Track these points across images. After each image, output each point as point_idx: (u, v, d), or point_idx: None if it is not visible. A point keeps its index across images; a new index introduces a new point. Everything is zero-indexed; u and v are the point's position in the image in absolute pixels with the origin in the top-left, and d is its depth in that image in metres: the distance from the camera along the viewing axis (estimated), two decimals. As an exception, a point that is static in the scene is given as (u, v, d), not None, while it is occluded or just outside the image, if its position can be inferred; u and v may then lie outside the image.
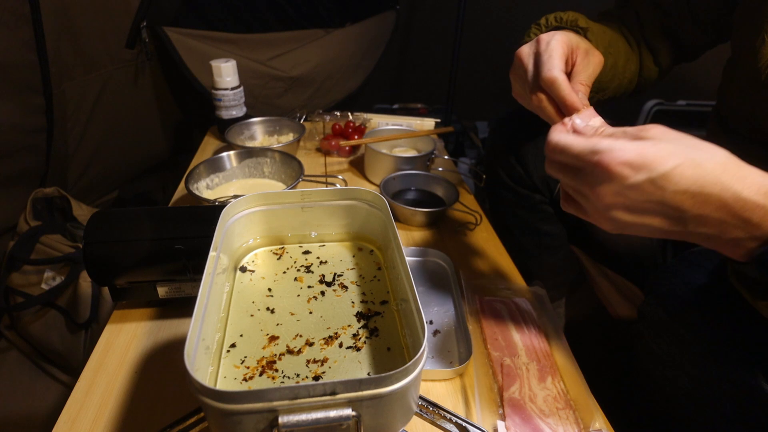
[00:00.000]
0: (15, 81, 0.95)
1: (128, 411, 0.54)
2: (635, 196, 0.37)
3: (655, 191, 0.36)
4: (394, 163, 1.01)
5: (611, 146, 0.37)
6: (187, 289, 0.65)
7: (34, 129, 1.01)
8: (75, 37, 1.06)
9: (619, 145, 0.37)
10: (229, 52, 1.29)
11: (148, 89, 1.31)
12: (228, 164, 0.92)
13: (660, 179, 0.36)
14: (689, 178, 0.35)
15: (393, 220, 0.51)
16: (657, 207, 0.37)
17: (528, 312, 0.70)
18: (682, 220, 0.37)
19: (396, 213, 0.91)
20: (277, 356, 0.44)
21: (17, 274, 0.98)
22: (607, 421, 0.55)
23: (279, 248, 0.57)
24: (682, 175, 0.35)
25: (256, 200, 0.54)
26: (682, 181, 0.35)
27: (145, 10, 1.16)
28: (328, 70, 1.53)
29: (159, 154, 1.46)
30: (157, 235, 0.60)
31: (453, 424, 0.42)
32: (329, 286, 0.52)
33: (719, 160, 0.36)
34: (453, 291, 0.73)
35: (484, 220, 0.93)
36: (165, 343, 0.63)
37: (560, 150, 0.41)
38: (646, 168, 0.36)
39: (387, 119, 1.27)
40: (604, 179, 0.37)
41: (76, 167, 1.18)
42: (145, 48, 1.21)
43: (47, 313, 0.98)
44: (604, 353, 0.90)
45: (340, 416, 0.33)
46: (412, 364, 0.34)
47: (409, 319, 0.44)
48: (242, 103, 1.18)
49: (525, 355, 0.63)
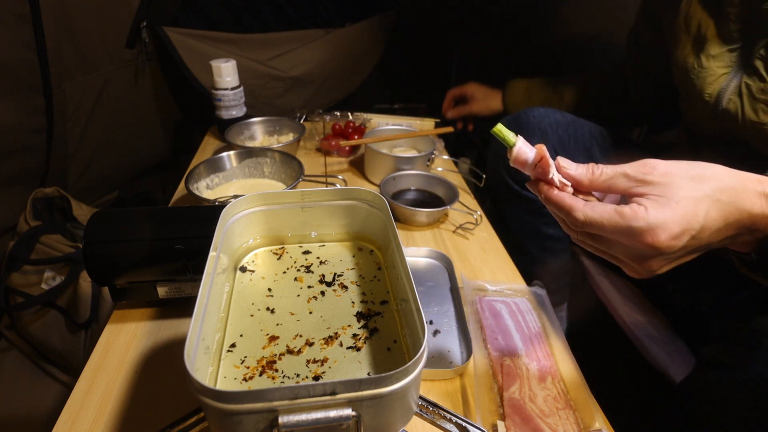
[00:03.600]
0: (15, 81, 0.95)
1: (128, 411, 0.54)
2: (679, 254, 0.41)
3: (695, 243, 0.40)
4: (394, 163, 1.01)
5: (651, 224, 0.39)
6: (187, 289, 0.64)
7: (34, 129, 1.01)
8: (75, 37, 1.06)
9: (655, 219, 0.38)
10: (229, 52, 1.29)
11: (148, 89, 1.31)
12: (228, 164, 0.92)
13: (698, 234, 0.40)
14: (717, 220, 0.40)
15: (393, 220, 0.51)
16: (694, 251, 0.41)
17: (528, 312, 0.70)
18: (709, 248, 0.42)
19: (396, 213, 0.91)
20: (277, 356, 0.44)
21: (17, 274, 0.98)
22: (607, 421, 0.55)
23: (279, 248, 0.57)
24: (712, 219, 0.39)
25: (256, 200, 0.54)
26: (713, 224, 0.40)
27: (145, 10, 1.16)
28: (328, 70, 1.53)
29: (159, 154, 1.46)
30: (157, 235, 0.60)
31: (453, 424, 0.42)
32: (329, 286, 0.52)
33: (729, 184, 0.40)
34: (453, 291, 0.73)
35: (484, 220, 0.93)
36: (165, 343, 0.63)
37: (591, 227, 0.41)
38: (687, 232, 0.39)
39: (387, 119, 1.27)
40: (654, 255, 0.40)
41: (76, 167, 1.18)
42: (145, 48, 1.21)
43: (47, 313, 0.98)
44: (605, 354, 0.90)
45: (340, 416, 0.33)
46: (412, 364, 0.34)
47: (409, 319, 0.44)
48: (242, 103, 1.18)
49: (525, 355, 0.63)
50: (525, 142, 0.45)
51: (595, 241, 0.43)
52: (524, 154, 0.44)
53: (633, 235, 0.39)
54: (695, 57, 0.70)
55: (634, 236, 0.39)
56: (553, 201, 0.44)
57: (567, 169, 0.44)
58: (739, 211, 0.40)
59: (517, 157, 0.45)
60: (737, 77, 0.66)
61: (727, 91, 0.66)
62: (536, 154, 0.44)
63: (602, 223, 0.40)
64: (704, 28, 0.69)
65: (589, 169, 0.43)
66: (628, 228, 0.39)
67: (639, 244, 0.39)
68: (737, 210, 0.40)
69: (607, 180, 0.42)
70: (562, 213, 0.43)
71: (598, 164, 0.43)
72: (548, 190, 0.44)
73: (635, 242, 0.40)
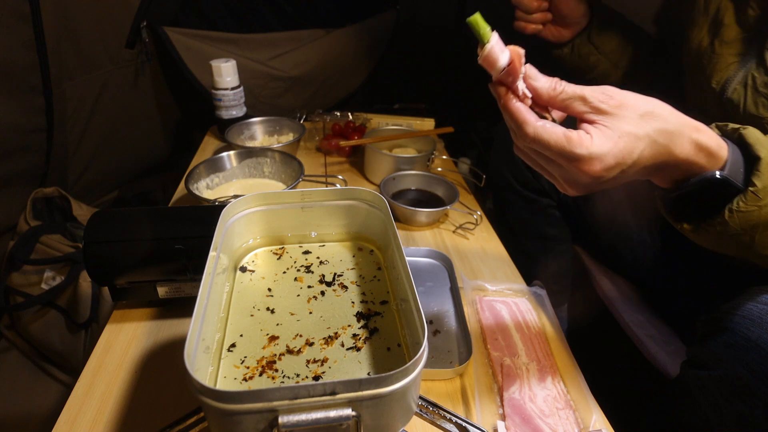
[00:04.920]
0: (15, 81, 0.94)
1: (128, 411, 0.54)
2: (606, 181, 0.44)
3: (622, 175, 0.44)
4: (394, 163, 1.01)
5: (591, 153, 0.41)
6: (187, 289, 0.64)
7: (34, 129, 1.01)
8: (75, 37, 1.06)
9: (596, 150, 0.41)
10: (229, 52, 1.29)
11: (148, 89, 1.31)
12: (228, 164, 0.92)
13: (628, 168, 0.43)
14: (648, 159, 0.43)
15: (393, 220, 0.51)
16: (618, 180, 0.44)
17: (528, 312, 0.70)
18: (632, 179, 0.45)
19: (396, 213, 0.91)
20: (277, 356, 0.44)
21: (17, 274, 0.98)
22: (607, 421, 0.55)
23: (279, 248, 0.57)
24: (644, 158, 0.43)
25: (256, 200, 0.54)
26: (643, 162, 0.43)
27: (145, 10, 1.16)
28: (328, 70, 1.53)
29: (159, 154, 1.46)
30: (157, 235, 0.60)
31: (453, 424, 0.42)
32: (329, 286, 0.52)
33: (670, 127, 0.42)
34: (453, 291, 0.73)
35: (484, 220, 0.93)
36: (165, 343, 0.63)
37: (538, 144, 0.44)
38: (619, 166, 0.42)
39: (387, 119, 1.27)
40: (584, 180, 0.44)
41: (76, 167, 1.18)
42: (145, 48, 1.21)
43: (47, 313, 0.98)
44: (605, 354, 0.90)
45: (340, 416, 0.33)
46: (412, 364, 0.34)
47: (409, 319, 0.44)
48: (242, 103, 1.18)
49: (525, 355, 0.63)
50: (499, 40, 0.43)
51: (536, 155, 0.46)
52: (495, 54, 0.42)
53: (572, 159, 0.42)
54: (710, 41, 0.69)
55: (573, 161, 0.42)
56: (509, 110, 0.44)
57: (533, 80, 0.44)
58: (669, 154, 0.43)
59: (488, 56, 0.43)
60: (745, 67, 0.65)
61: (734, 80, 0.66)
62: (508, 58, 0.42)
63: (548, 143, 0.42)
64: (723, 11, 0.68)
65: (552, 84, 0.44)
66: (570, 153, 0.41)
67: (575, 168, 0.42)
68: (668, 153, 0.43)
69: (565, 99, 0.43)
70: (514, 123, 0.45)
71: (561, 80, 0.44)
72: (508, 98, 0.44)
73: (571, 167, 0.42)
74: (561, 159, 0.43)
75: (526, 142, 0.44)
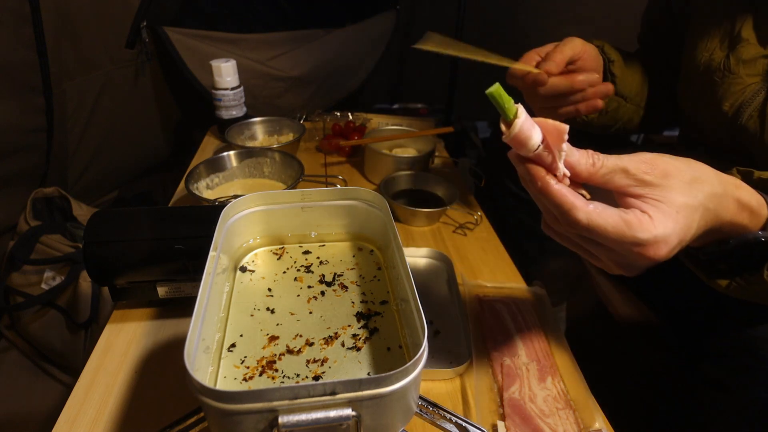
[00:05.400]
0: (15, 81, 0.95)
1: (128, 411, 0.54)
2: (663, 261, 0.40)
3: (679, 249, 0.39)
4: (394, 163, 1.01)
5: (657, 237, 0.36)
6: (187, 289, 0.64)
7: (34, 129, 1.01)
8: (75, 37, 1.06)
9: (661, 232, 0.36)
10: (229, 52, 1.29)
11: (148, 89, 1.31)
12: (228, 164, 0.92)
13: (687, 242, 0.39)
14: (702, 227, 0.40)
15: (393, 220, 0.51)
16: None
17: (528, 312, 0.70)
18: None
19: (396, 213, 0.91)
20: (277, 356, 0.44)
21: (17, 274, 0.98)
22: (607, 421, 0.55)
23: (279, 248, 0.57)
24: (699, 227, 0.39)
25: (256, 200, 0.54)
26: (698, 232, 0.40)
27: (145, 10, 1.16)
28: (328, 70, 1.53)
29: (159, 154, 1.46)
30: (157, 235, 0.60)
31: (453, 424, 0.42)
32: (329, 286, 0.52)
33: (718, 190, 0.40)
34: (453, 291, 0.73)
35: (483, 220, 0.93)
36: (165, 343, 0.63)
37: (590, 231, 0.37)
38: (681, 243, 0.38)
39: (387, 119, 1.27)
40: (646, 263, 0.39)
41: (76, 167, 1.18)
42: (145, 48, 1.21)
43: (47, 313, 0.98)
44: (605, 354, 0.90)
45: (340, 416, 0.33)
46: (412, 364, 0.34)
47: (409, 319, 0.44)
48: (242, 103, 1.18)
49: (525, 355, 0.63)
50: (527, 115, 0.36)
51: (585, 243, 0.40)
52: (526, 132, 0.35)
53: (635, 245, 0.36)
54: (725, 57, 0.59)
55: (635, 246, 0.36)
56: (551, 195, 0.37)
57: (567, 156, 0.37)
58: (718, 218, 0.41)
59: (518, 135, 0.35)
60: (763, 91, 0.56)
61: (750, 106, 0.57)
62: (541, 135, 0.36)
63: (605, 230, 0.36)
64: (739, 23, 0.58)
65: (589, 158, 0.38)
66: (632, 239, 0.36)
67: (635, 254, 0.37)
68: (717, 218, 0.40)
69: (606, 174, 0.38)
70: (558, 210, 0.37)
71: (596, 152, 0.38)
72: (547, 180, 0.37)
73: (632, 252, 0.37)
74: (619, 245, 0.37)
75: (574, 229, 0.38)
